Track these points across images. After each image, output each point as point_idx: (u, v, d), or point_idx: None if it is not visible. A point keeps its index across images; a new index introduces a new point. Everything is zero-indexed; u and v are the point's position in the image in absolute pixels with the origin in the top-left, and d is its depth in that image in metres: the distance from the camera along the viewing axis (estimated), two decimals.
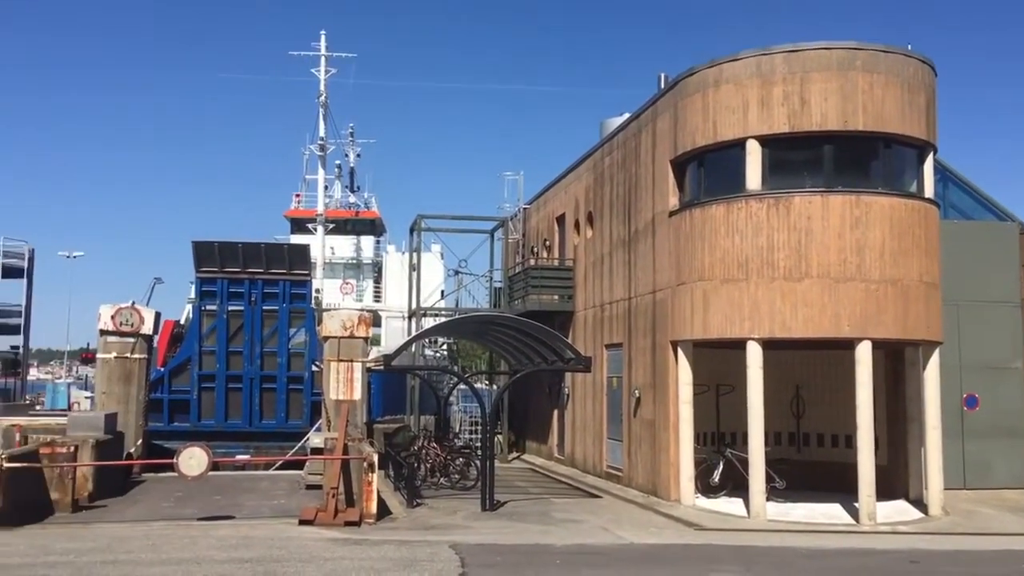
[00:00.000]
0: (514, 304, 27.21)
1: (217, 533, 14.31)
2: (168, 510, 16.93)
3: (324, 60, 40.68)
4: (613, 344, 22.22)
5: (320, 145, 41.22)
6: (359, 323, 21.82)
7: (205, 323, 25.71)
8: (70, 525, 15.15)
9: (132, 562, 11.90)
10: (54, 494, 16.33)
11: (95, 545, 13.11)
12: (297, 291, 25.90)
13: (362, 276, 44.26)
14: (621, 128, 22.37)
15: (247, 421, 25.29)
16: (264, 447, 24.91)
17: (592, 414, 23.42)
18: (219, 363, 25.35)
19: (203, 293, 25.77)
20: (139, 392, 23.13)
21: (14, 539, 13.56)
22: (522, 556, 13.03)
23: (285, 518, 15.83)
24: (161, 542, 13.43)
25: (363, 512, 15.68)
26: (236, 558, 12.20)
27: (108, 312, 23.10)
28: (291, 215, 44.81)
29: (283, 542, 13.51)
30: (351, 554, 12.65)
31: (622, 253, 21.72)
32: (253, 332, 25.42)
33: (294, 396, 25.59)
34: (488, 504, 17.29)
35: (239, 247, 25.42)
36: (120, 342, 23.08)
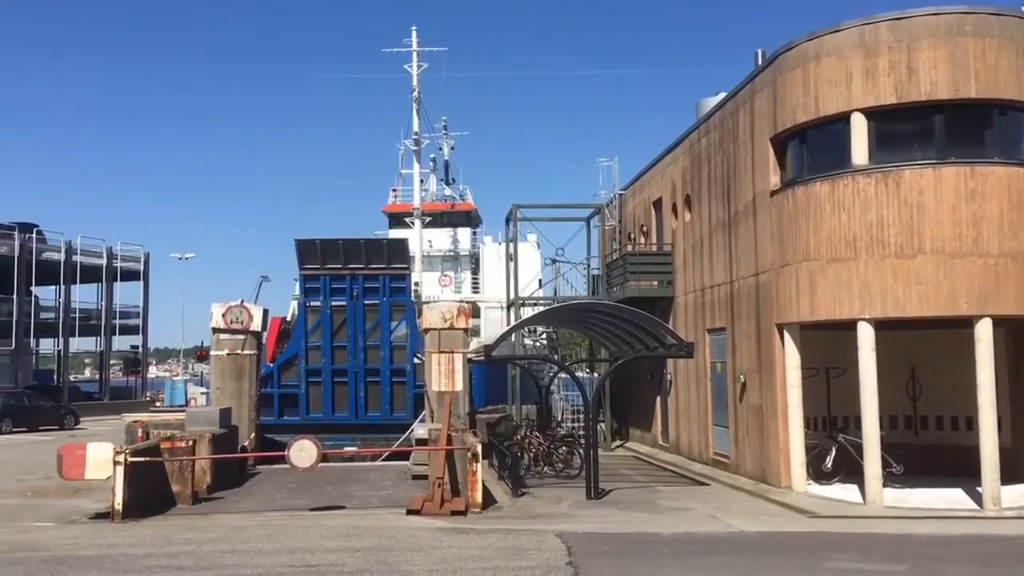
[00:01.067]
0: (612, 291, 26.99)
1: (328, 523, 14.65)
2: (282, 501, 17.43)
3: (416, 56, 41.10)
4: (716, 329, 21.79)
5: (415, 140, 41.71)
6: (458, 314, 21.97)
7: (310, 319, 26.35)
8: (190, 516, 15.75)
9: (250, 551, 12.28)
10: (175, 487, 17.00)
11: (214, 535, 13.60)
12: (397, 285, 26.26)
13: (460, 268, 44.67)
14: (718, 108, 21.87)
15: (353, 414, 25.83)
16: (371, 439, 25.40)
17: (696, 400, 23.04)
18: (324, 358, 25.95)
19: (307, 290, 26.41)
20: (251, 387, 23.85)
21: (139, 530, 14.18)
22: (629, 544, 12.91)
23: (393, 508, 16.10)
24: (276, 532, 13.83)
25: (468, 501, 15.81)
26: (347, 547, 12.46)
27: (219, 311, 23.88)
28: (389, 210, 45.53)
29: (392, 531, 13.74)
30: (458, 543, 12.76)
31: (722, 235, 21.26)
32: (356, 327, 25.91)
33: (397, 388, 25.99)
34: (593, 492, 17.20)
35: (340, 244, 25.92)
36: (231, 339, 23.83)
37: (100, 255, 58.55)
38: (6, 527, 14.60)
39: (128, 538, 13.38)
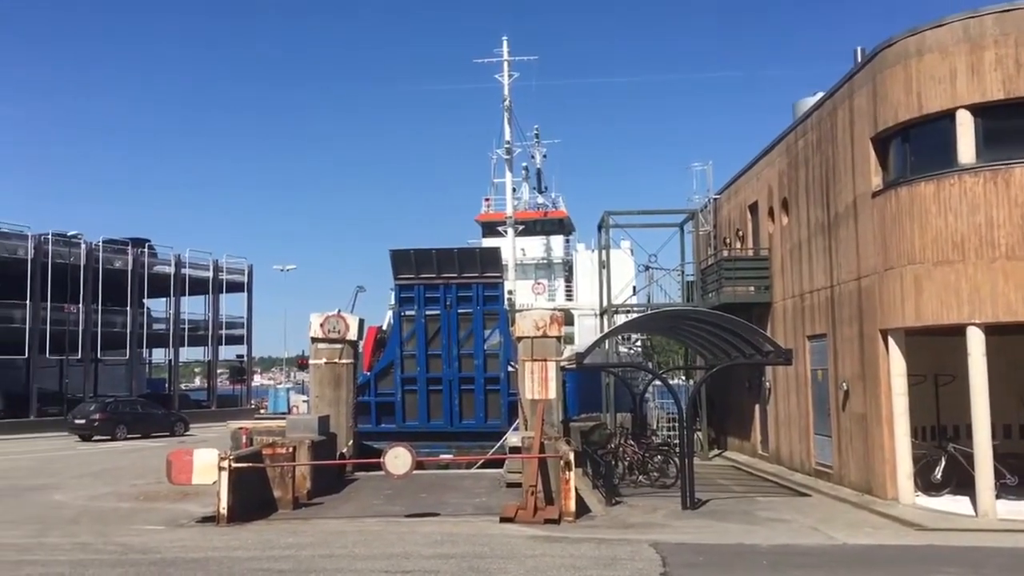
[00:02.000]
0: (708, 297, 26.55)
1: (423, 529, 14.81)
2: (378, 507, 17.71)
3: (507, 65, 41.38)
4: (816, 335, 21.18)
5: (507, 149, 41.96)
6: (551, 322, 21.98)
7: (405, 328, 26.71)
8: (291, 521, 16.15)
9: (348, 556, 12.52)
10: (276, 492, 17.46)
11: (313, 540, 13.91)
12: (490, 293, 26.40)
13: (553, 275, 44.66)
14: (815, 108, 21.30)
15: (448, 422, 26.06)
16: (465, 446, 25.58)
17: (796, 409, 22.43)
18: (419, 366, 26.27)
19: (401, 299, 26.80)
20: (348, 395, 24.36)
21: (242, 533, 14.62)
22: (726, 556, 12.64)
23: (487, 515, 16.16)
24: (373, 537, 14.06)
25: (562, 510, 15.75)
26: (442, 554, 12.57)
27: (317, 320, 24.48)
28: (482, 219, 45.90)
29: (486, 539, 13.79)
30: (552, 551, 12.72)
31: (821, 239, 20.67)
32: (450, 335, 26.14)
33: (492, 397, 26.11)
34: (689, 502, 16.91)
35: (433, 253, 26.21)
36: (329, 348, 24.40)
37: (207, 268, 60.92)
38: (121, 529, 15.27)
39: (232, 541, 13.80)
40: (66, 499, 19.71)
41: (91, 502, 19.12)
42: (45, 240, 50.22)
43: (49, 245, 50.22)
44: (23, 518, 16.88)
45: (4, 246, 48.06)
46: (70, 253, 51.33)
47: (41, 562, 12.36)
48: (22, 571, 11.69)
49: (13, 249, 48.65)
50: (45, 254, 49.76)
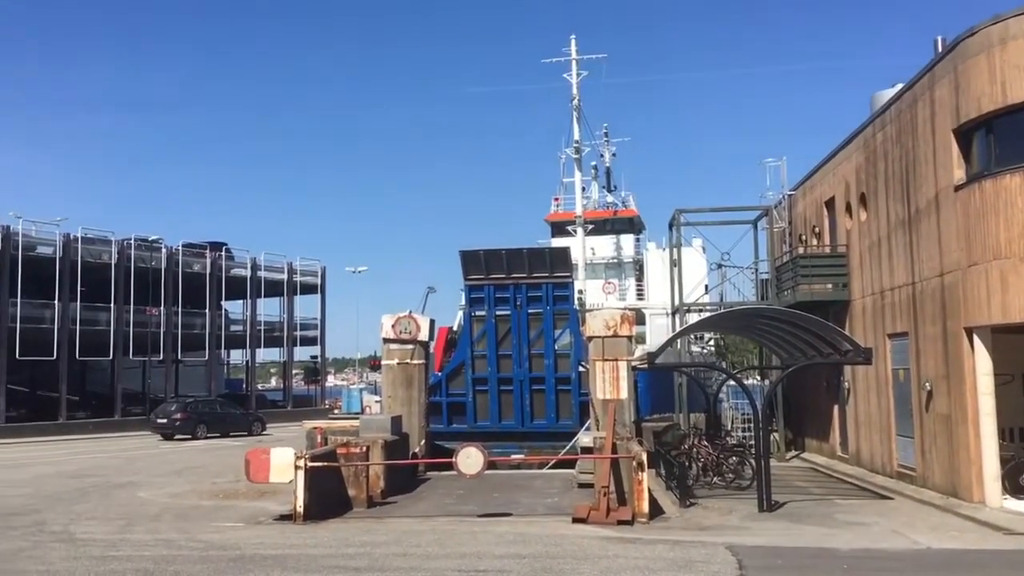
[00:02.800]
0: (783, 295, 26.02)
1: (496, 529, 14.82)
2: (451, 506, 17.79)
3: (575, 64, 41.22)
4: (896, 333, 20.56)
5: (575, 148, 41.79)
6: (622, 322, 21.79)
7: (475, 328, 26.80)
8: (365, 519, 16.33)
9: (421, 555, 12.59)
10: (351, 491, 17.68)
11: (387, 538, 14.04)
12: (560, 293, 26.31)
13: (624, 275, 44.32)
14: (894, 100, 20.68)
15: (519, 422, 26.05)
16: (537, 447, 25.53)
17: (877, 409, 21.82)
18: (490, 366, 26.32)
19: (471, 300, 26.88)
20: (420, 395, 24.54)
21: (318, 531, 14.83)
22: (804, 559, 12.34)
23: (559, 516, 16.09)
24: (445, 537, 14.12)
25: (635, 511, 15.59)
26: (514, 554, 12.55)
27: (389, 321, 24.73)
28: (551, 219, 45.81)
29: (558, 539, 13.74)
30: (625, 553, 12.60)
31: (902, 235, 20.06)
32: (520, 335, 26.12)
33: (563, 396, 26.02)
34: (765, 504, 16.58)
35: (503, 254, 26.24)
36: (401, 349, 24.62)
37: (281, 270, 62.15)
38: (202, 526, 15.64)
39: (309, 539, 14.02)
40: (150, 496, 20.30)
41: (173, 499, 19.65)
42: (128, 245, 51.87)
43: (132, 250, 51.86)
44: (110, 514, 17.44)
45: (89, 251, 49.80)
46: (151, 257, 52.93)
47: (126, 557, 12.73)
48: (108, 566, 12.06)
49: (98, 254, 50.39)
50: (128, 259, 51.41)
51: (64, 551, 13.29)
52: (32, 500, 19.75)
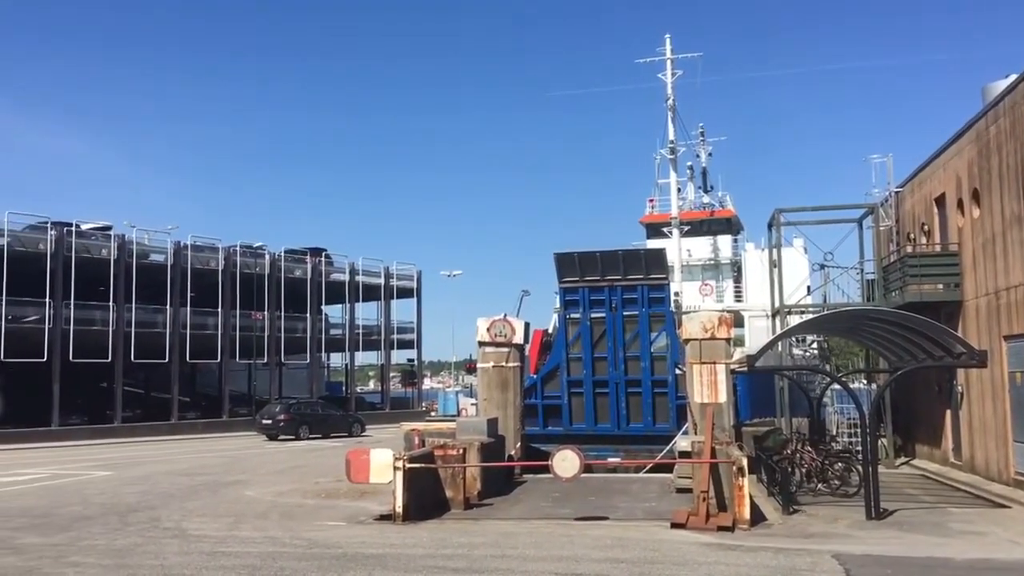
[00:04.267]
0: (890, 296, 25.09)
1: (593, 533, 14.72)
2: (547, 509, 17.76)
3: (670, 63, 40.77)
4: (1015, 335, 19.57)
5: (670, 148, 41.33)
6: (719, 324, 21.35)
7: (570, 331, 26.71)
8: (463, 521, 16.44)
9: (518, 557, 12.59)
10: (448, 492, 17.85)
11: (485, 540, 14.09)
12: (655, 295, 25.99)
13: (721, 276, 43.56)
14: (1008, 91, 19.71)
15: (615, 425, 25.83)
16: (633, 450, 25.28)
17: (993, 414, 20.81)
18: (585, 369, 26.19)
19: (566, 302, 26.80)
20: (515, 398, 24.60)
21: (417, 532, 15.01)
22: (914, 569, 11.84)
23: (657, 521, 15.87)
24: (543, 540, 14.09)
25: (735, 517, 15.25)
26: (612, 558, 12.43)
27: (484, 325, 24.87)
28: (646, 220, 45.37)
29: (656, 544, 13.54)
30: (725, 559, 12.33)
31: (1018, 231, 19.09)
32: (615, 338, 25.92)
33: (659, 400, 25.68)
34: (873, 512, 15.99)
35: (597, 256, 26.09)
36: (496, 352, 24.73)
37: (379, 275, 63.33)
38: (306, 525, 16.02)
39: (408, 539, 14.20)
40: (256, 495, 20.92)
41: (278, 498, 20.20)
42: (234, 252, 53.72)
43: (237, 256, 53.69)
44: (219, 511, 18.05)
45: (198, 258, 51.77)
46: (255, 263, 54.68)
47: (235, 553, 13.13)
48: (218, 561, 12.46)
49: (206, 261, 52.34)
50: (234, 265, 53.24)
51: (177, 546, 13.80)
52: (147, 497, 20.60)
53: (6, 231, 44.02)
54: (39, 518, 17.21)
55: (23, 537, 14.83)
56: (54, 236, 45.48)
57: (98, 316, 47.28)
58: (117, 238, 48.52)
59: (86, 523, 16.47)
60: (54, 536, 14.91)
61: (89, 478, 25.74)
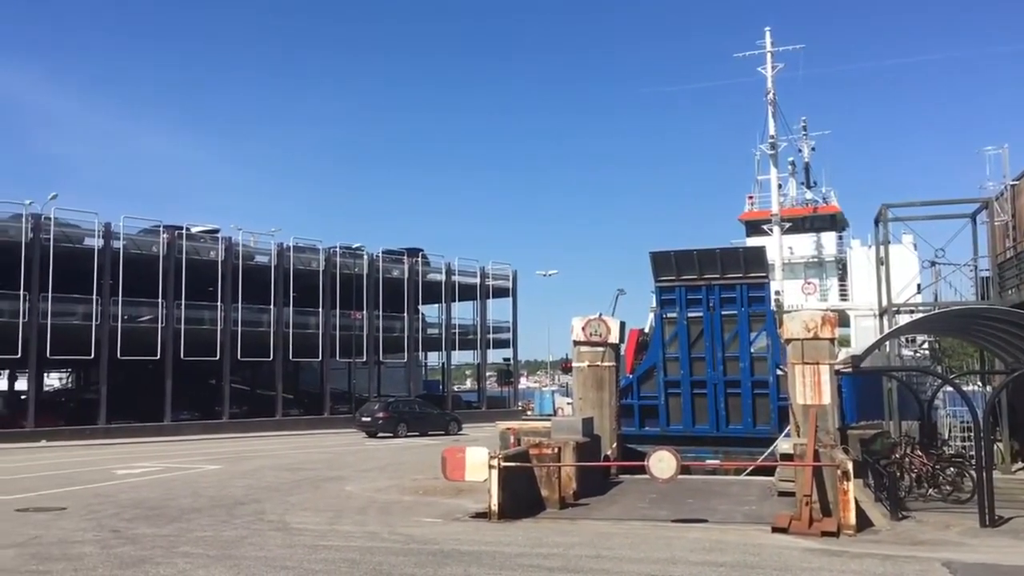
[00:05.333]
0: (1007, 294, 23.86)
1: (690, 535, 14.47)
2: (643, 510, 17.55)
3: (770, 57, 39.86)
4: None
5: (771, 143, 40.41)
6: (823, 323, 20.66)
7: (666, 331, 26.32)
8: (558, 520, 16.39)
9: (614, 558, 12.48)
10: (544, 491, 17.81)
11: (580, 540, 14.01)
12: (755, 294, 25.38)
13: (825, 274, 42.31)
14: None
15: (714, 426, 25.34)
16: (732, 452, 24.76)
17: None
18: (683, 369, 25.78)
19: (662, 301, 26.43)
20: (611, 398, 24.39)
21: (512, 530, 15.03)
22: None
23: (757, 524, 15.50)
24: (639, 541, 13.93)
25: (840, 522, 14.76)
26: (710, 561, 12.19)
27: (579, 324, 24.74)
28: (745, 218, 44.44)
29: (756, 548, 13.22)
30: (830, 566, 11.94)
31: None
32: (713, 338, 25.43)
33: (760, 401, 25.08)
34: (988, 519, 15.23)
35: (695, 254, 25.65)
36: (591, 351, 24.57)
37: (474, 275, 63.86)
38: (403, 521, 16.26)
39: (503, 537, 14.23)
40: (355, 490, 21.34)
41: (377, 494, 20.55)
42: (333, 253, 55.03)
43: (337, 257, 54.96)
44: (320, 506, 18.48)
45: (299, 259, 53.24)
46: (354, 264, 55.87)
47: (335, 547, 13.41)
48: (319, 555, 12.75)
49: (307, 262, 53.78)
50: (334, 265, 54.52)
51: (280, 539, 14.18)
52: (252, 491, 21.26)
53: (122, 235, 46.21)
54: (152, 510, 17.95)
55: (137, 527, 15.48)
56: (166, 239, 47.47)
57: (207, 316, 49.12)
58: (224, 240, 50.33)
59: (195, 515, 17.10)
60: (165, 527, 15.52)
61: (199, 472, 26.74)
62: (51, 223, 43.55)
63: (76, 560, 12.41)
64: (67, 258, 43.75)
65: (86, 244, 45.35)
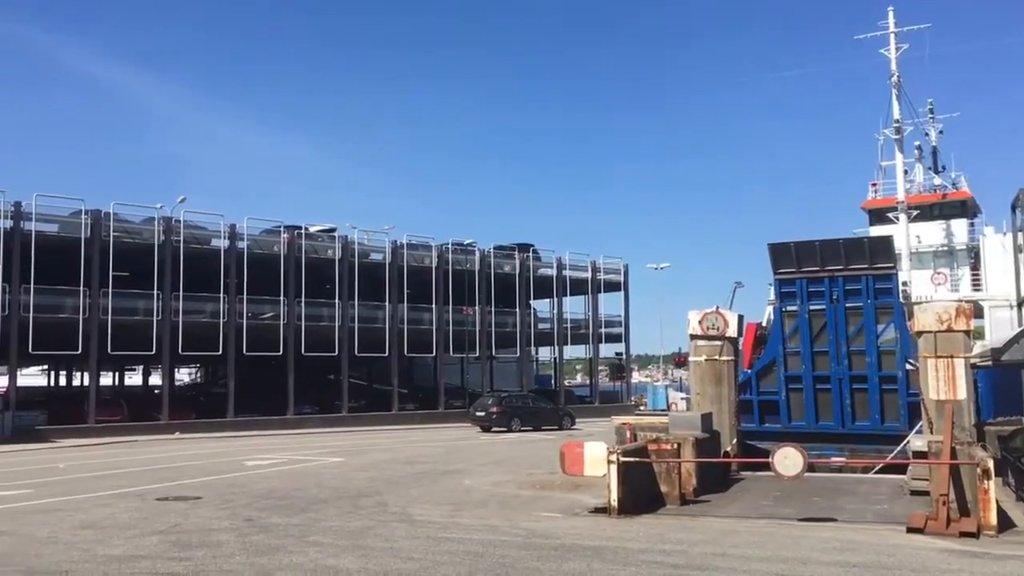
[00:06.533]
0: None
1: (819, 535, 14.03)
2: (767, 508, 17.12)
3: (893, 38, 38.24)
4: None
5: (895, 128, 38.78)
6: (957, 315, 19.73)
7: (787, 324, 25.59)
8: (679, 517, 16.16)
9: (740, 556, 12.21)
10: (663, 487, 17.60)
11: (703, 537, 13.77)
12: (881, 285, 24.39)
13: (956, 263, 40.33)
14: None
15: (839, 423, 24.48)
16: (859, 450, 23.87)
17: None
18: (804, 364, 25.00)
19: (782, 294, 25.72)
20: (730, 393, 23.90)
21: (632, 526, 14.91)
22: None
23: (890, 524, 14.91)
24: (765, 539, 13.59)
25: (980, 522, 14.04)
26: (841, 561, 11.79)
27: (695, 318, 24.34)
28: (868, 206, 42.81)
29: (891, 549, 12.71)
30: (971, 567, 11.38)
31: None
32: (837, 331, 24.56)
33: (888, 396, 24.08)
34: None
35: (816, 245, 24.85)
36: (708, 345, 24.13)
37: (585, 269, 63.68)
38: (522, 515, 16.34)
39: (624, 533, 14.13)
40: (473, 484, 21.59)
41: (494, 488, 20.73)
42: (446, 249, 55.82)
43: (449, 254, 55.74)
44: (440, 499, 18.77)
45: (413, 256, 54.26)
46: (466, 260, 56.54)
47: (458, 540, 13.58)
48: (443, 547, 12.93)
49: (420, 258, 54.75)
50: (446, 262, 55.32)
51: (404, 531, 14.46)
52: (373, 483, 21.77)
53: (246, 235, 48.09)
54: (281, 500, 18.60)
55: (269, 517, 16.06)
56: (286, 239, 49.15)
57: (325, 313, 50.61)
58: (340, 239, 51.74)
59: (322, 506, 17.62)
60: (294, 517, 16.05)
61: (322, 464, 27.58)
62: (180, 225, 45.72)
63: (215, 547, 12.96)
64: (196, 259, 45.85)
65: (213, 245, 47.41)
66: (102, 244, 42.77)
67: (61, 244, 42.46)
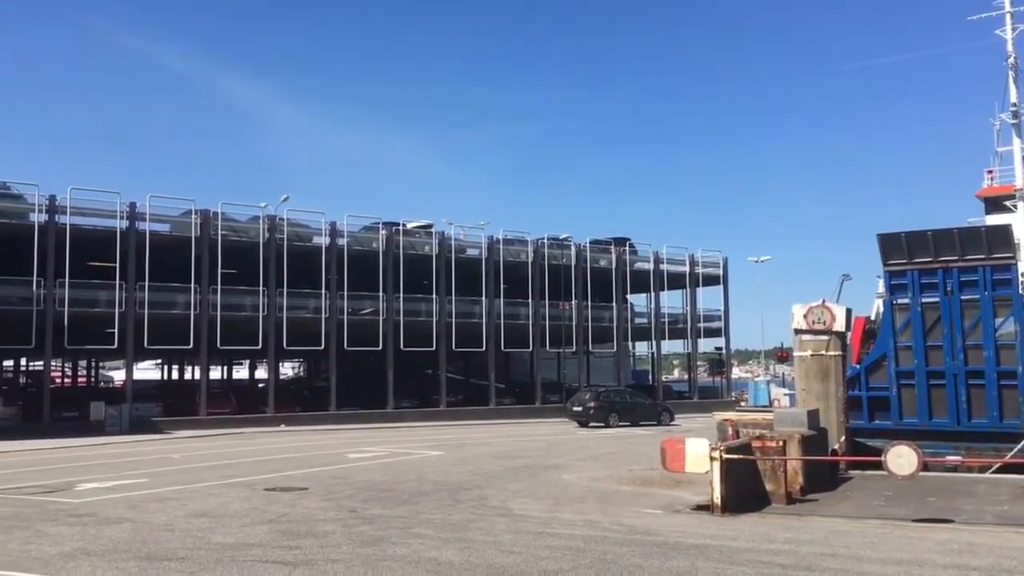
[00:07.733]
0: None
1: (935, 536, 13.45)
2: (879, 508, 16.52)
3: (1009, 17, 36.33)
4: None
5: (1012, 112, 36.83)
6: None
7: (898, 318, 24.66)
8: (786, 516, 15.74)
9: (851, 557, 11.80)
10: (768, 485, 17.17)
11: (811, 537, 13.37)
12: (1000, 277, 23.26)
13: None
14: None
15: (954, 420, 23.46)
16: (975, 448, 22.83)
17: None
18: (917, 359, 24.04)
19: (892, 287, 24.80)
20: (837, 389, 23.16)
21: (737, 524, 14.58)
22: None
23: (1012, 526, 14.20)
24: (877, 540, 13.11)
25: None
26: (960, 564, 11.26)
27: (800, 312, 23.66)
28: (984, 194, 40.88)
29: (1015, 552, 12.08)
30: None
31: None
32: (952, 325, 23.54)
33: (1007, 393, 22.94)
34: None
35: (928, 235, 23.87)
36: (814, 340, 23.44)
37: (683, 263, 62.81)
38: (622, 511, 16.18)
39: (728, 531, 13.83)
40: (572, 479, 21.50)
41: (593, 483, 20.60)
42: (541, 244, 55.84)
43: (545, 248, 55.72)
44: (539, 494, 18.76)
45: (509, 251, 54.46)
46: (562, 255, 56.42)
47: (558, 535, 13.53)
48: (544, 541, 12.90)
49: (516, 254, 54.92)
50: (542, 257, 55.33)
51: (505, 525, 14.50)
52: (473, 477, 21.91)
53: (346, 232, 49.13)
54: (383, 492, 18.91)
55: (372, 508, 16.34)
56: (384, 235, 50.00)
57: (423, 308, 51.29)
58: (437, 235, 52.35)
59: (423, 498, 17.83)
60: (396, 509, 16.28)
61: (422, 457, 27.94)
62: (284, 224, 47.01)
63: (321, 537, 13.25)
64: (298, 256, 47.10)
65: (315, 242, 48.61)
66: (211, 242, 44.32)
67: (173, 243, 44.19)
